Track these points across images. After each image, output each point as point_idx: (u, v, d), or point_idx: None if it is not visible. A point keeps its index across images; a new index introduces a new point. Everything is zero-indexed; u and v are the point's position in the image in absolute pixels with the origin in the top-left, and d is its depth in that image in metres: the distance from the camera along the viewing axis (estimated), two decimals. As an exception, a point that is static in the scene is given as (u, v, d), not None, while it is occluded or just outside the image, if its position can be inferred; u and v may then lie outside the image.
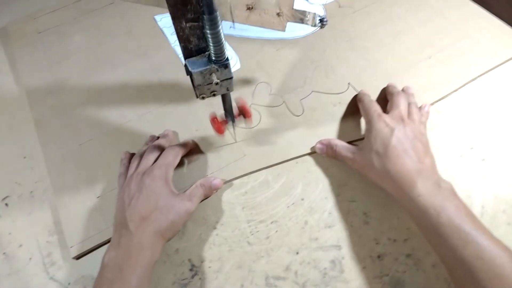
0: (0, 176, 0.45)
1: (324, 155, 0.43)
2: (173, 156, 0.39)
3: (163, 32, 0.56)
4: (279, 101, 0.47)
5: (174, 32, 0.29)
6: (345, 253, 0.37)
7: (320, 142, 0.43)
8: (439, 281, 0.36)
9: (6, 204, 0.43)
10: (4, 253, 0.40)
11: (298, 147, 0.43)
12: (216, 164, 0.43)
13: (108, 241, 0.39)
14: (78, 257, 0.39)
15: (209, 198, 0.41)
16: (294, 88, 0.48)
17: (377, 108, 0.41)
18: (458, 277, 0.31)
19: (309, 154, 0.43)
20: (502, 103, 0.46)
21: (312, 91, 0.48)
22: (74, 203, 0.41)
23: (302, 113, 0.46)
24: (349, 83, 0.48)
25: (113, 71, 0.53)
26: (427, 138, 0.39)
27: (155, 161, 0.39)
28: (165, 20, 0.58)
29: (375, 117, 0.39)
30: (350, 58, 0.51)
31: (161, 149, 0.40)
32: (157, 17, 0.58)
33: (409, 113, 0.40)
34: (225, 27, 0.29)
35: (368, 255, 0.37)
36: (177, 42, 0.29)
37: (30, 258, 0.39)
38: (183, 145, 0.42)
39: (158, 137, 0.43)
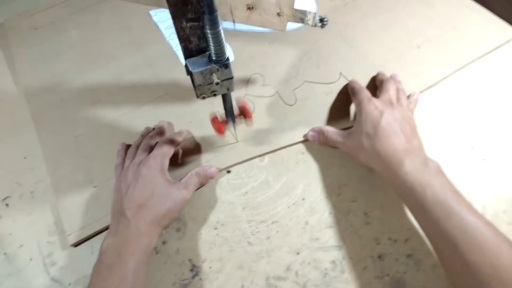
0: (1, 176, 0.45)
1: (316, 142, 0.44)
2: (168, 146, 0.40)
3: (157, 27, 0.57)
4: (272, 91, 0.48)
5: (169, 27, 0.29)
6: (346, 253, 0.37)
7: (312, 129, 0.44)
8: (439, 282, 0.35)
9: (7, 205, 0.43)
10: (4, 254, 0.40)
11: (291, 135, 0.45)
12: (210, 153, 0.44)
13: (105, 229, 0.39)
14: (76, 245, 0.39)
15: (209, 198, 0.41)
16: (287, 78, 0.50)
17: (367, 93, 0.42)
18: (442, 250, 0.32)
19: (302, 142, 0.44)
20: (503, 103, 0.46)
21: (304, 81, 0.49)
22: (72, 193, 0.42)
23: (295, 103, 0.47)
24: (340, 73, 0.49)
25: (108, 65, 0.53)
26: (415, 122, 0.40)
27: (151, 151, 0.39)
28: (159, 15, 0.59)
29: (365, 101, 0.40)
30: (341, 49, 0.52)
31: (157, 140, 0.41)
32: (152, 12, 0.59)
33: (398, 98, 0.42)
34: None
35: (369, 256, 0.37)
36: (172, 36, 0.29)
37: (31, 259, 0.39)
38: (177, 135, 0.43)
39: (153, 129, 0.44)
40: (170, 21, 0.57)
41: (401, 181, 0.34)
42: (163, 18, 0.58)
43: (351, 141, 0.40)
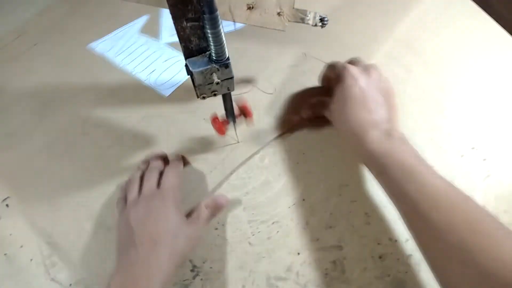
0: (1, 177, 0.45)
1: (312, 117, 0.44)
2: (176, 177, 0.39)
3: (105, 57, 0.54)
4: (248, 87, 0.49)
5: (118, 53, 0.28)
6: (346, 253, 0.37)
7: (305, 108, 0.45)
8: (441, 281, 0.35)
9: (7, 205, 0.43)
10: (5, 254, 0.40)
11: (287, 121, 0.46)
12: (214, 159, 0.44)
13: None
14: None
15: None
16: (257, 71, 0.51)
17: (345, 64, 0.41)
18: (404, 210, 0.33)
19: (300, 125, 0.45)
20: (504, 103, 0.46)
21: (274, 69, 0.51)
22: (85, 243, 0.40)
23: (275, 90, 0.49)
24: (304, 53, 0.52)
25: (66, 108, 0.49)
26: (392, 89, 0.39)
27: (157, 182, 0.38)
28: (102, 45, 0.56)
29: (341, 69, 0.40)
30: (300, 33, 0.53)
31: (159, 169, 0.40)
32: (92, 45, 0.56)
33: (370, 66, 0.41)
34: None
35: (370, 256, 0.37)
36: (125, 61, 0.29)
37: (31, 259, 0.39)
38: (178, 161, 0.42)
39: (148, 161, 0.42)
40: (116, 48, 0.54)
41: (364, 150, 0.35)
42: (107, 47, 0.55)
43: (331, 111, 0.41)
